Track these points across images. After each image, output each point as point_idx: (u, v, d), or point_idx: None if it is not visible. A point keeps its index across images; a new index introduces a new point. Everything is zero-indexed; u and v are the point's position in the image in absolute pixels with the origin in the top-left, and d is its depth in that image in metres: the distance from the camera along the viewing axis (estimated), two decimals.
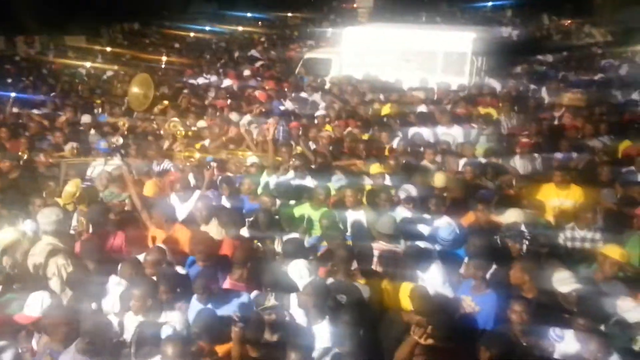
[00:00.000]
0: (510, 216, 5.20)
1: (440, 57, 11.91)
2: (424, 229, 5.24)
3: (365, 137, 8.05)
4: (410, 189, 5.80)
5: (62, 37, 20.94)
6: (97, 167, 6.88)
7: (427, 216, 5.36)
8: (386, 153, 7.45)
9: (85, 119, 9.24)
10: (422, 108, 9.46)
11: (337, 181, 6.34)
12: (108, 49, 18.39)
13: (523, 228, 4.95)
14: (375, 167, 6.21)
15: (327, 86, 12.01)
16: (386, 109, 9.65)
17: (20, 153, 7.06)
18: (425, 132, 7.90)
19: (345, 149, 7.65)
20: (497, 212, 5.43)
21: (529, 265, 4.35)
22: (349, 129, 8.47)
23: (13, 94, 10.21)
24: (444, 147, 7.37)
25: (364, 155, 7.12)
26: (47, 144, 7.85)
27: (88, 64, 15.36)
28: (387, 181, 6.16)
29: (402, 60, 12.33)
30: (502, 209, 5.42)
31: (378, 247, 4.84)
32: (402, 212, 5.46)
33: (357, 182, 6.18)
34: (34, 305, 3.79)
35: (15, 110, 9.75)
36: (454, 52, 11.80)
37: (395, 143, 7.71)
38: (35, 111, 9.86)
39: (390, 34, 13.21)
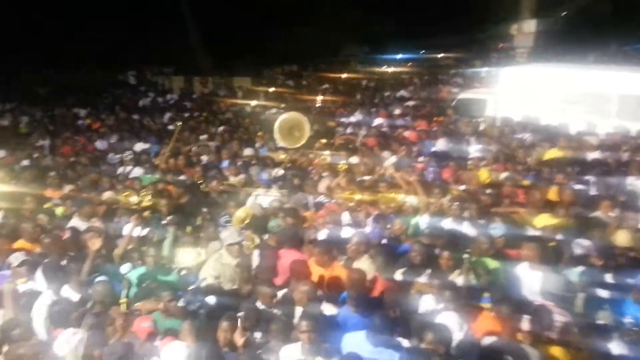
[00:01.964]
0: None
1: (615, 99, 10.74)
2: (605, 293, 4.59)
3: (526, 183, 7.46)
4: (586, 245, 5.15)
5: (231, 79, 23.39)
6: (258, 197, 7.34)
7: (610, 279, 4.66)
8: (550, 201, 6.77)
9: (248, 152, 10.02)
10: (594, 155, 8.53)
11: (494, 229, 5.91)
12: (270, 89, 19.97)
13: None
14: (544, 219, 5.64)
15: (482, 127, 11.51)
16: (550, 154, 8.88)
17: (195, 179, 7.83)
18: (607, 182, 7.04)
19: (504, 194, 7.13)
20: None
21: None
22: (507, 173, 7.94)
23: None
24: (623, 200, 6.47)
25: (527, 203, 6.56)
26: (216, 172, 8.61)
27: (253, 102, 16.82)
28: (558, 234, 5.55)
29: (567, 103, 11.39)
30: None
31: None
32: (578, 271, 4.83)
33: (520, 232, 5.68)
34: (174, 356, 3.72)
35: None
36: (633, 95, 10.55)
37: (564, 191, 6.96)
38: (210, 144, 10.95)
39: (554, 74, 12.33)
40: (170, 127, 13.21)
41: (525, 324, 4.16)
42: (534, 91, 11.93)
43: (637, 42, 27.64)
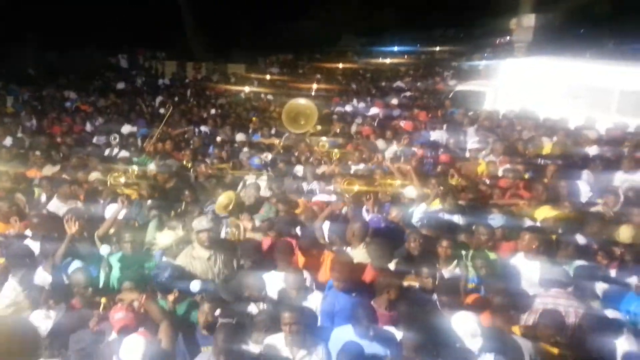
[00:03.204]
0: None
1: (616, 95, 10.54)
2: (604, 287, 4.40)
3: (525, 176, 7.26)
4: (585, 240, 4.96)
5: (225, 65, 23.00)
6: (248, 182, 7.08)
7: (612, 274, 4.47)
8: (550, 194, 6.57)
9: (240, 137, 9.75)
10: (592, 149, 8.35)
11: (492, 220, 5.70)
12: (266, 76, 19.63)
13: None
14: (544, 211, 5.44)
15: (480, 120, 11.29)
16: (548, 148, 8.70)
17: (184, 163, 7.56)
18: (604, 176, 6.86)
19: (503, 186, 6.94)
20: None
21: None
22: (506, 165, 7.74)
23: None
24: (628, 195, 6.28)
25: (527, 195, 6.36)
26: (204, 156, 8.34)
27: (247, 89, 16.51)
28: (558, 227, 5.35)
29: (567, 97, 11.19)
30: None
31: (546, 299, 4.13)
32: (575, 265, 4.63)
33: (519, 224, 5.48)
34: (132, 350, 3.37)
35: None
36: (634, 91, 10.35)
37: (561, 185, 6.77)
38: (202, 128, 10.67)
39: (554, 68, 12.12)
40: (161, 110, 12.90)
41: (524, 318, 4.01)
42: (533, 84, 11.74)
43: (634, 41, 27.49)
